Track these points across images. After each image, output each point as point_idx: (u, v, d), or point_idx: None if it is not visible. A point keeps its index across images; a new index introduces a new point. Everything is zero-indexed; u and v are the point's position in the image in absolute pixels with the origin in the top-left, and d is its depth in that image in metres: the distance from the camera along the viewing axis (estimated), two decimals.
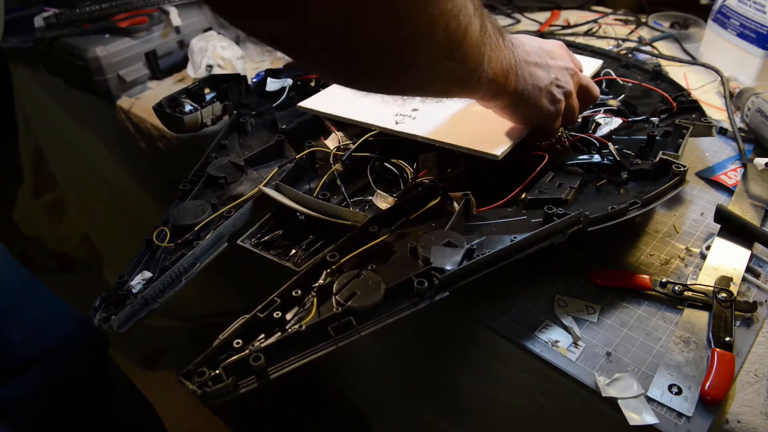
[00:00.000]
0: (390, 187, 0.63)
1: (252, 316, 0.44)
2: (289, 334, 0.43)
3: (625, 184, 0.60)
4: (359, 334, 0.43)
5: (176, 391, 0.42)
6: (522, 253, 0.50)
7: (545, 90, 0.56)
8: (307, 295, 0.47)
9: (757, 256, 0.59)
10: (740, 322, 0.52)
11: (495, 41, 0.48)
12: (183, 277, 0.54)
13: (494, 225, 0.54)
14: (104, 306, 0.50)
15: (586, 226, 0.52)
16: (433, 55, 0.42)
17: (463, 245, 0.49)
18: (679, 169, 0.57)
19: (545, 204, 0.54)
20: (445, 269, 0.47)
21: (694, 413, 0.45)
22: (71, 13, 0.97)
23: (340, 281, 0.46)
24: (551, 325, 0.53)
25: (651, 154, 0.62)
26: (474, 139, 0.60)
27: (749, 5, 0.85)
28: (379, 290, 0.45)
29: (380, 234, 0.53)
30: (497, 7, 1.20)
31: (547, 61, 0.57)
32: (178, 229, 0.58)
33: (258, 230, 0.59)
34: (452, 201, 0.57)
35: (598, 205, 0.56)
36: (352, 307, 0.44)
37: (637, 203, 0.54)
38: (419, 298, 0.46)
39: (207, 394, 0.39)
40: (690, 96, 0.73)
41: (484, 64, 0.47)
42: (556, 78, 0.57)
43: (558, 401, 0.52)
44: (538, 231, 0.50)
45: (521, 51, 0.54)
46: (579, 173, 0.61)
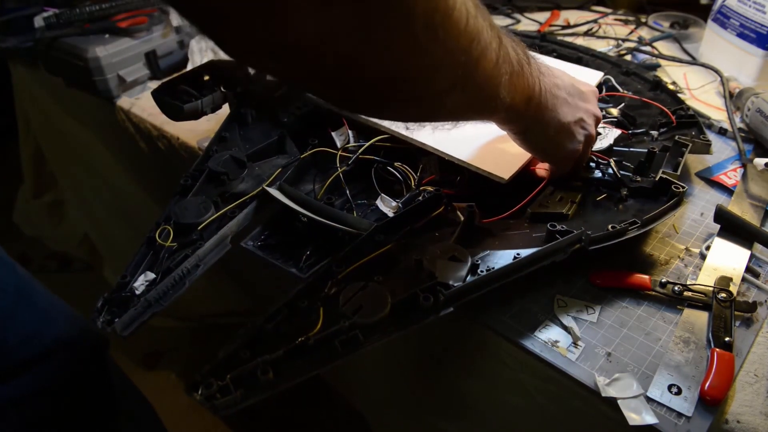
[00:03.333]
0: (392, 186, 0.63)
1: (259, 327, 0.44)
2: (296, 345, 0.43)
3: (624, 201, 0.60)
4: (365, 348, 0.43)
5: (177, 391, 0.42)
6: (525, 271, 0.51)
7: (567, 127, 0.55)
8: (313, 306, 0.47)
9: (756, 256, 0.59)
10: (740, 322, 0.52)
11: (517, 68, 0.46)
12: (186, 279, 0.53)
13: (497, 238, 0.55)
14: (107, 308, 0.49)
15: (588, 245, 0.52)
16: (440, 90, 0.40)
17: (467, 260, 0.50)
18: (678, 189, 0.58)
19: (547, 218, 0.55)
20: (450, 284, 0.47)
21: (693, 413, 0.45)
22: (71, 13, 0.97)
23: (345, 294, 0.46)
24: (551, 325, 0.53)
25: (650, 170, 0.63)
26: (483, 158, 0.61)
27: (749, 5, 0.85)
28: (385, 304, 0.45)
29: (385, 243, 0.53)
30: (497, 7, 1.20)
31: (577, 101, 0.56)
32: (180, 228, 0.57)
33: (261, 232, 0.59)
34: (456, 210, 0.57)
35: (598, 220, 0.57)
36: (359, 322, 0.44)
37: (637, 223, 0.55)
38: (425, 313, 0.46)
39: (215, 406, 0.39)
40: (689, 110, 0.73)
41: (501, 91, 0.45)
42: (582, 119, 0.56)
43: (558, 401, 0.52)
44: (541, 249, 0.51)
45: (549, 81, 0.52)
46: (579, 188, 0.61)
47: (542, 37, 0.96)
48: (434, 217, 0.57)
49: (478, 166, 0.60)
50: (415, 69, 0.37)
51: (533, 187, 0.61)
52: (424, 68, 0.37)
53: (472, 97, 0.43)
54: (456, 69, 0.39)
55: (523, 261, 0.50)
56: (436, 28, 0.35)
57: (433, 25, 0.35)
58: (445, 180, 0.64)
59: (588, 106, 0.58)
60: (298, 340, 0.43)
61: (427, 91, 0.40)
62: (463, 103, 0.44)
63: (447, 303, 0.47)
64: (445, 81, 0.39)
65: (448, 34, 0.36)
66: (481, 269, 0.50)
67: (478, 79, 0.42)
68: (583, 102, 0.57)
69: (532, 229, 0.56)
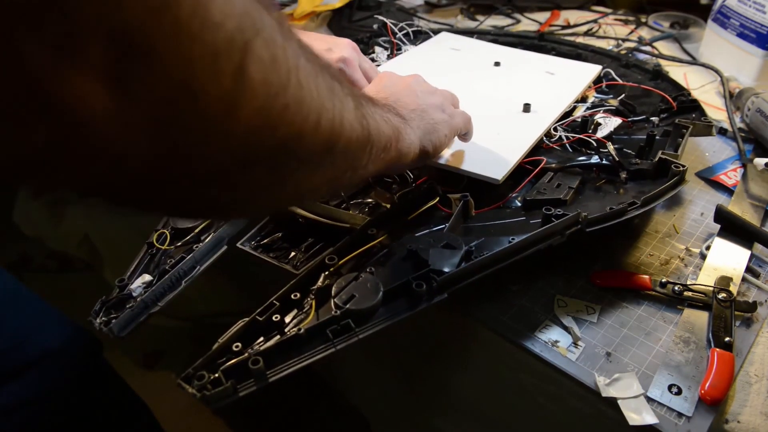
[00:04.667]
0: (389, 186, 0.63)
1: (251, 320, 0.44)
2: (288, 337, 0.43)
3: (624, 184, 0.60)
4: (358, 337, 0.43)
5: (176, 392, 0.42)
6: (521, 255, 0.50)
7: (442, 122, 0.53)
8: (306, 298, 0.47)
9: (756, 256, 0.59)
10: (740, 322, 0.52)
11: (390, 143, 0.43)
12: (183, 281, 0.54)
13: (493, 226, 0.54)
14: (104, 310, 0.50)
15: (585, 227, 0.52)
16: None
17: (461, 247, 0.49)
18: (679, 168, 0.57)
19: (544, 205, 0.54)
20: (443, 271, 0.47)
21: (693, 413, 0.45)
22: None
23: (338, 284, 0.46)
24: (551, 325, 0.53)
25: (650, 153, 0.62)
26: (474, 160, 0.60)
27: (749, 5, 0.85)
28: (377, 292, 0.45)
29: (378, 236, 0.53)
30: (497, 7, 1.20)
31: (429, 98, 0.54)
32: (177, 232, 0.58)
33: (257, 233, 0.59)
34: (451, 202, 0.57)
35: (598, 205, 0.56)
36: (351, 309, 0.44)
37: (636, 203, 0.54)
38: (418, 300, 0.46)
39: (207, 398, 0.39)
40: (690, 96, 0.73)
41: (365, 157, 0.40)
42: (442, 105, 0.55)
43: (558, 401, 0.52)
44: (537, 232, 0.50)
45: (412, 117, 0.50)
46: (578, 173, 0.61)
47: (541, 36, 0.96)
48: (428, 210, 0.57)
49: (470, 170, 0.59)
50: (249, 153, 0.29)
51: (528, 176, 0.60)
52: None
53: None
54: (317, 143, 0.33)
55: (518, 245, 0.49)
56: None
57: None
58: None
59: (434, 97, 0.55)
60: (290, 332, 0.43)
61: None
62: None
63: (440, 289, 0.47)
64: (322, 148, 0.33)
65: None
66: (475, 256, 0.49)
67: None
68: (432, 96, 0.55)
69: (529, 216, 0.56)
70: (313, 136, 0.31)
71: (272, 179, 0.31)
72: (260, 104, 0.26)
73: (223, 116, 0.25)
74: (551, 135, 0.67)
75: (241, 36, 0.24)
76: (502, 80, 0.79)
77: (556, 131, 0.68)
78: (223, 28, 0.23)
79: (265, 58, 0.26)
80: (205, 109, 0.24)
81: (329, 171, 0.36)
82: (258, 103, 0.26)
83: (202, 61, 0.23)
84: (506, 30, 1.07)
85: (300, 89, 0.29)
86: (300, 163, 0.32)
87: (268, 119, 0.27)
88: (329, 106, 0.32)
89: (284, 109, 0.28)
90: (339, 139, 0.34)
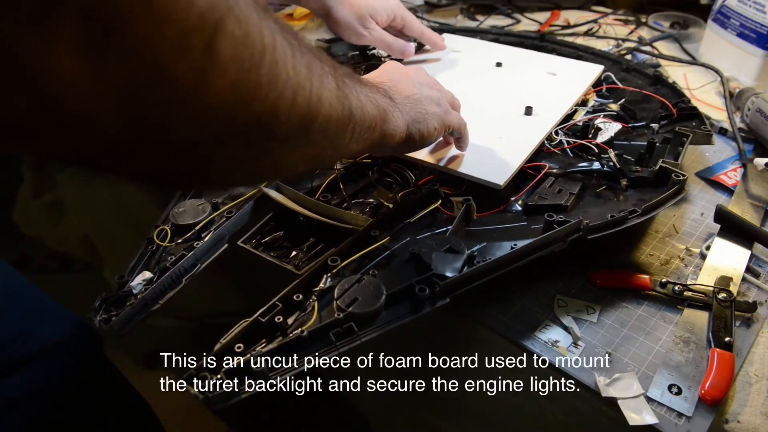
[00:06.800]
0: (390, 186, 0.63)
1: (253, 321, 0.44)
2: (290, 339, 0.43)
3: (624, 191, 0.60)
4: (360, 340, 0.43)
5: (176, 391, 0.42)
6: (522, 261, 0.50)
7: (435, 115, 0.53)
8: (308, 299, 0.47)
9: (756, 256, 0.59)
10: (740, 322, 0.52)
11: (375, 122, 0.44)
12: (183, 278, 0.54)
13: (495, 230, 0.55)
14: (104, 307, 0.50)
15: (586, 234, 0.52)
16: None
17: (464, 252, 0.49)
18: (679, 177, 0.58)
19: (545, 210, 0.54)
20: (446, 275, 0.47)
21: (693, 413, 0.45)
22: None
23: (341, 286, 0.46)
24: (551, 325, 0.53)
25: (651, 161, 0.63)
26: (476, 165, 0.60)
27: (749, 5, 0.85)
28: (380, 296, 0.45)
29: (381, 238, 0.53)
30: (497, 7, 1.20)
31: (427, 91, 0.54)
32: (178, 229, 0.57)
33: (258, 231, 0.59)
34: (453, 205, 0.57)
35: (598, 211, 0.56)
36: (354, 312, 0.44)
37: (637, 211, 0.54)
38: (420, 304, 0.46)
39: (209, 399, 0.39)
40: (690, 102, 0.73)
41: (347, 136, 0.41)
42: (438, 99, 0.55)
43: (558, 401, 0.52)
44: (539, 238, 0.51)
45: (407, 105, 0.51)
46: (579, 179, 0.61)
47: (541, 37, 0.96)
48: (431, 212, 0.57)
49: (472, 174, 0.59)
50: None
51: (530, 181, 0.60)
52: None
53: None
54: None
55: (520, 251, 0.50)
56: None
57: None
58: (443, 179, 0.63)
59: (432, 90, 0.55)
60: (293, 334, 0.43)
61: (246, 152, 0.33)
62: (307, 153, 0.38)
63: (443, 294, 0.47)
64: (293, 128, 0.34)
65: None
66: (477, 260, 0.49)
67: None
68: (429, 89, 0.55)
69: (530, 221, 0.56)
70: (288, 113, 0.31)
71: (249, 154, 0.32)
72: (232, 80, 0.27)
73: (192, 90, 0.26)
74: (552, 139, 0.68)
75: (212, 13, 0.25)
76: (504, 82, 0.79)
77: (557, 135, 0.68)
78: (194, 4, 0.24)
79: (237, 35, 0.26)
80: (175, 83, 0.25)
81: (308, 149, 0.36)
82: (229, 78, 0.27)
83: (172, 36, 0.24)
84: (507, 30, 1.07)
85: (275, 66, 0.29)
86: (276, 140, 0.33)
87: (241, 94, 0.28)
88: (306, 84, 0.33)
89: (257, 85, 0.29)
90: (317, 117, 0.34)
